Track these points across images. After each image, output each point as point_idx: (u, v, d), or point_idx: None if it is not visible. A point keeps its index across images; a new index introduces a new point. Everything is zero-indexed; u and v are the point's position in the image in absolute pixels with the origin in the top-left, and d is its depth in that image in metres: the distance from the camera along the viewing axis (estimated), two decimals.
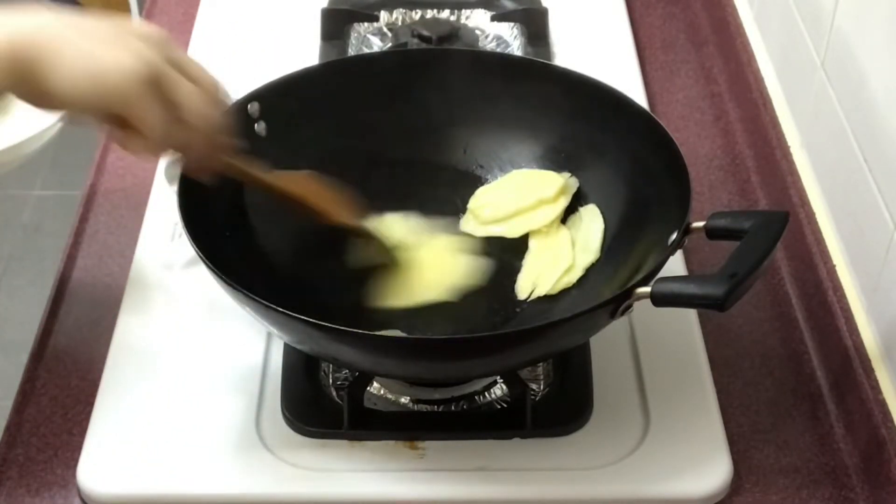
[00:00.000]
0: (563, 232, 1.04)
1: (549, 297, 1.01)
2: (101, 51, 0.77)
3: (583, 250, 1.02)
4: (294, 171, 0.98)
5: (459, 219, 1.08)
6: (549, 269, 1.01)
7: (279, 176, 0.96)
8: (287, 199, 0.97)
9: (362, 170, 1.08)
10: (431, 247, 1.05)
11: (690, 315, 1.04)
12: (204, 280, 0.92)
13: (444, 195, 1.09)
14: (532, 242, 1.05)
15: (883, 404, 0.94)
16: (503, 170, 1.09)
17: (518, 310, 1.01)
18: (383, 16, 1.40)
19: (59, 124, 1.18)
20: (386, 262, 1.02)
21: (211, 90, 0.83)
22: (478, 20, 1.39)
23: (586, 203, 1.05)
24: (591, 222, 1.04)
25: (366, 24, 1.39)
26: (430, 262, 1.03)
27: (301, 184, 0.98)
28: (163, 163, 1.17)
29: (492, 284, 1.03)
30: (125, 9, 2.72)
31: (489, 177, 1.09)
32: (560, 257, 1.02)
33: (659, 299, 0.85)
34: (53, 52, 0.76)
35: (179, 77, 0.81)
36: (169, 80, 0.80)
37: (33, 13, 0.79)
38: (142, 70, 0.78)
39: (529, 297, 1.01)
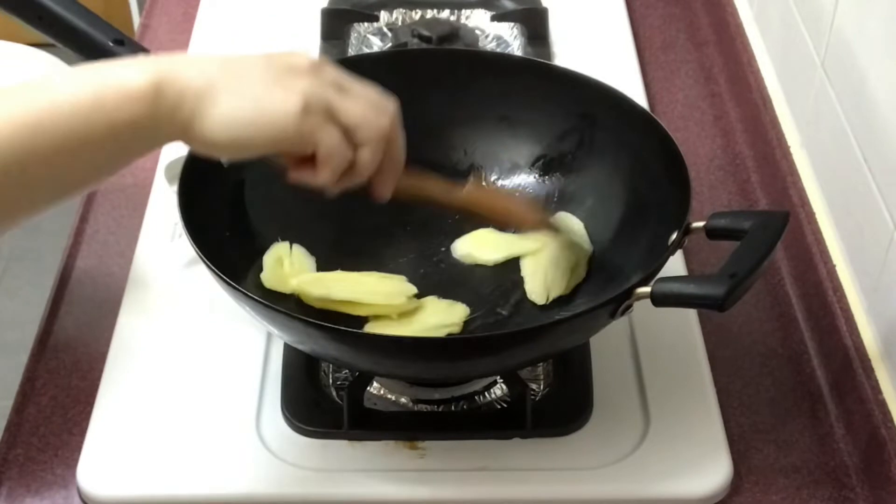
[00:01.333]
0: (549, 239, 1.03)
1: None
2: (261, 93, 0.74)
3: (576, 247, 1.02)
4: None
5: (459, 218, 1.08)
6: (554, 273, 1.01)
7: (459, 191, 0.95)
8: (471, 211, 0.96)
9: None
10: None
11: (690, 315, 1.04)
12: (204, 280, 0.92)
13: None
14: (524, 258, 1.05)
15: (883, 404, 0.94)
16: (503, 169, 1.09)
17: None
18: (383, 16, 1.40)
19: None
20: (576, 255, 1.02)
21: (375, 101, 0.80)
22: (478, 20, 1.39)
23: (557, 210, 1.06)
24: (571, 222, 1.04)
25: (366, 24, 1.39)
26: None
27: (482, 197, 0.98)
28: (163, 163, 1.17)
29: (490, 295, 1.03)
30: (125, 9, 2.72)
31: (489, 176, 1.09)
32: (560, 258, 1.01)
33: (659, 299, 0.85)
34: (208, 98, 0.73)
35: (345, 98, 0.77)
36: (334, 104, 0.76)
37: (180, 56, 0.75)
38: (304, 106, 0.74)
39: (548, 300, 1.00)
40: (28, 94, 0.71)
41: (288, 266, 1.00)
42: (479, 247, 1.05)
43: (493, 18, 1.39)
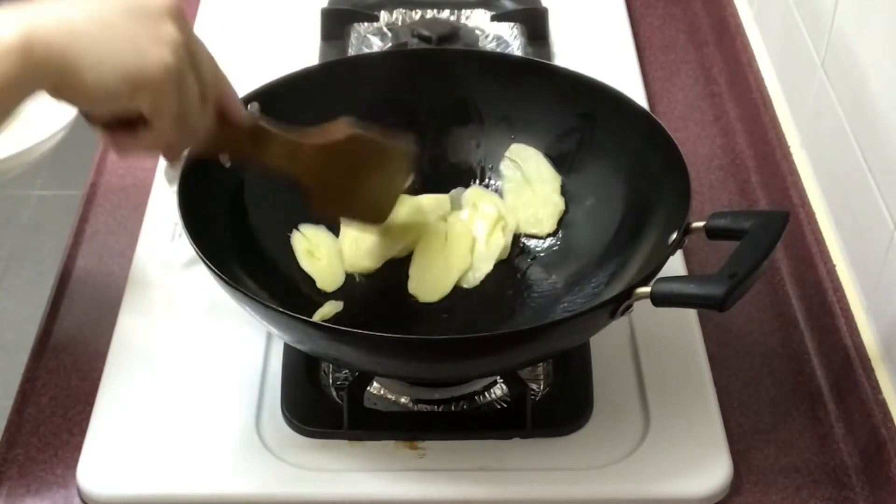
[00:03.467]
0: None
1: (547, 297, 1.01)
2: (130, 45, 0.74)
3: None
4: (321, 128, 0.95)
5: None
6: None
7: (303, 153, 0.93)
8: (324, 150, 0.94)
9: None
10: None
11: (690, 315, 1.04)
12: (204, 280, 0.92)
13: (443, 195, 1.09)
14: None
15: (883, 404, 0.94)
16: (502, 169, 1.09)
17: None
18: (383, 16, 1.40)
19: (64, 132, 1.18)
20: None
21: (210, 84, 0.80)
22: (478, 20, 1.39)
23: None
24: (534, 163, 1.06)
25: (366, 24, 1.39)
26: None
27: (314, 163, 0.94)
28: (163, 163, 1.17)
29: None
30: None
31: (488, 176, 1.09)
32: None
33: (659, 299, 0.85)
34: (81, 49, 0.73)
35: (190, 76, 0.78)
36: (185, 78, 0.77)
37: (42, 5, 0.74)
38: (174, 61, 0.75)
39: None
40: None
41: (318, 251, 1.03)
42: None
43: (493, 18, 1.39)
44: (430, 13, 1.39)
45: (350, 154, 0.96)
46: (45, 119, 1.18)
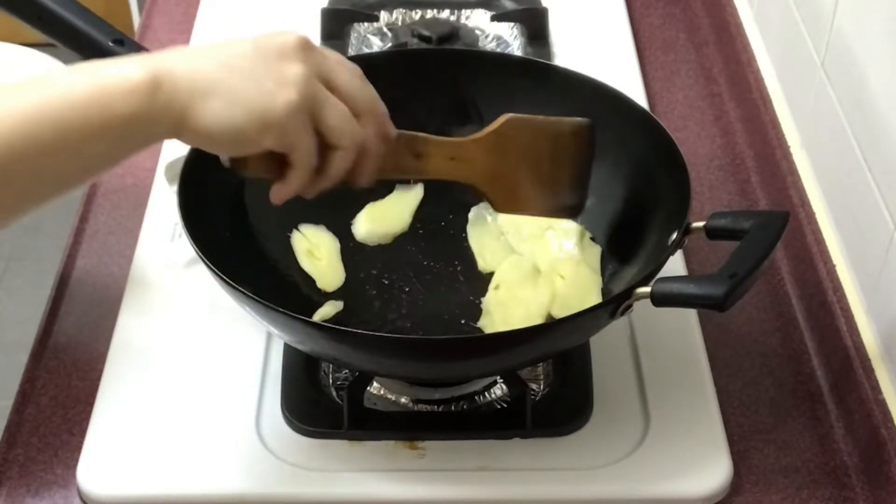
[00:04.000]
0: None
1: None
2: (254, 86, 0.75)
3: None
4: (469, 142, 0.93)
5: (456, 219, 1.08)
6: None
7: (458, 155, 0.91)
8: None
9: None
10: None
11: (690, 315, 1.04)
12: (204, 280, 0.92)
13: (442, 194, 1.09)
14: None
15: (883, 404, 0.94)
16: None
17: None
18: (383, 16, 1.40)
19: None
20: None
21: (359, 96, 0.81)
22: (478, 20, 1.39)
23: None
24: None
25: (366, 24, 1.39)
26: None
27: (479, 163, 0.92)
28: (163, 163, 1.17)
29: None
30: (125, 9, 2.72)
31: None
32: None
33: (659, 299, 0.85)
34: (207, 92, 0.73)
35: (331, 98, 0.78)
36: (322, 103, 0.77)
37: (173, 52, 0.75)
38: (298, 100, 0.75)
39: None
40: (27, 90, 0.72)
41: (318, 251, 1.03)
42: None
43: (493, 18, 1.39)
44: (430, 13, 1.39)
45: (514, 142, 0.93)
46: None
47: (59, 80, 0.73)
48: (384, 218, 1.06)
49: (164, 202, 1.14)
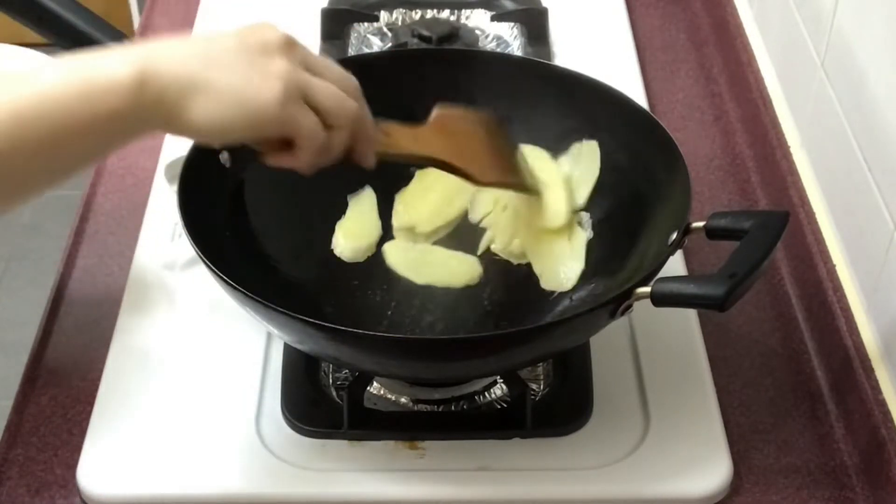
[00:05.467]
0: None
1: (548, 297, 1.01)
2: (240, 81, 0.75)
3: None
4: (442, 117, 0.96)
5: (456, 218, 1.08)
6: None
7: (420, 138, 0.93)
8: (430, 163, 0.95)
9: (361, 169, 1.08)
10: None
11: (690, 315, 1.04)
12: (204, 280, 0.92)
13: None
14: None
15: (883, 404, 0.94)
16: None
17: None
18: (383, 16, 1.40)
19: None
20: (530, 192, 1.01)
21: (343, 82, 0.81)
22: (478, 20, 1.39)
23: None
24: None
25: (366, 24, 1.39)
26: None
27: (442, 145, 0.95)
28: (163, 163, 1.17)
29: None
30: (125, 9, 2.72)
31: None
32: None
33: (659, 299, 0.85)
34: (189, 89, 0.74)
35: (317, 81, 0.79)
36: (309, 88, 0.78)
37: (158, 45, 0.75)
38: (283, 92, 0.76)
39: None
40: (13, 85, 0.72)
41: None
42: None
43: (493, 18, 1.39)
44: (430, 13, 1.39)
45: (456, 124, 0.96)
46: None
47: (45, 77, 0.72)
48: (357, 229, 1.06)
49: (164, 202, 1.14)
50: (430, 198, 1.06)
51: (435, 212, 1.05)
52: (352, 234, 1.05)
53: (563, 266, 1.01)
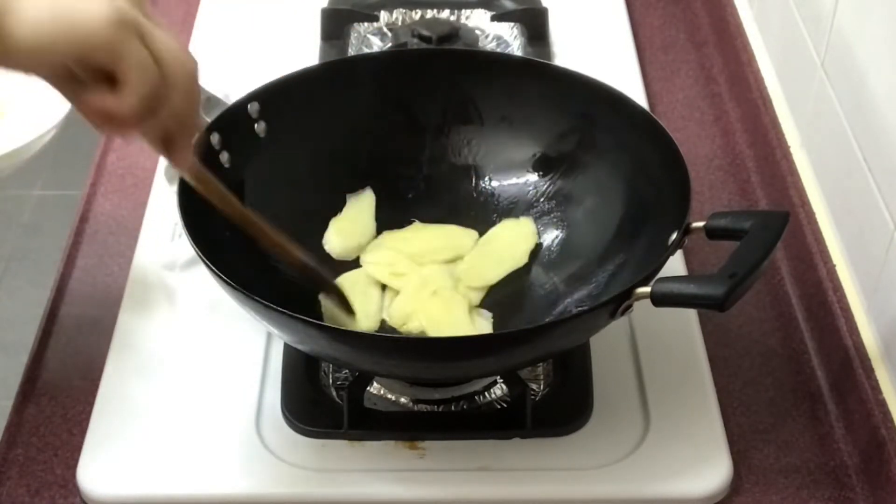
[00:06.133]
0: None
1: (548, 297, 1.01)
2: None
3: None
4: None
5: (455, 219, 1.08)
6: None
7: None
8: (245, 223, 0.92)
9: (362, 170, 1.08)
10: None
11: (690, 315, 1.04)
12: (204, 280, 0.92)
13: (443, 195, 1.09)
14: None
15: (883, 404, 0.94)
16: (500, 170, 1.09)
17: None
18: (383, 16, 1.40)
19: (55, 129, 1.18)
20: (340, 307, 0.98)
21: (183, 46, 0.75)
22: (478, 20, 1.39)
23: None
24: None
25: (366, 24, 1.39)
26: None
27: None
28: (163, 163, 1.17)
29: None
30: None
31: (488, 176, 1.09)
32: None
33: (659, 299, 0.85)
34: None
35: (155, 27, 0.72)
36: (146, 27, 0.71)
37: None
38: (118, 12, 0.69)
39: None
40: None
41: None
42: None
43: (493, 18, 1.39)
44: (430, 13, 1.39)
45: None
46: (36, 117, 1.18)
47: None
48: (350, 228, 1.06)
49: (164, 202, 1.14)
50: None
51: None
52: (344, 233, 1.05)
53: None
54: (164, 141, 0.78)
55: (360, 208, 1.07)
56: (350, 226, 1.06)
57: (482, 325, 1.00)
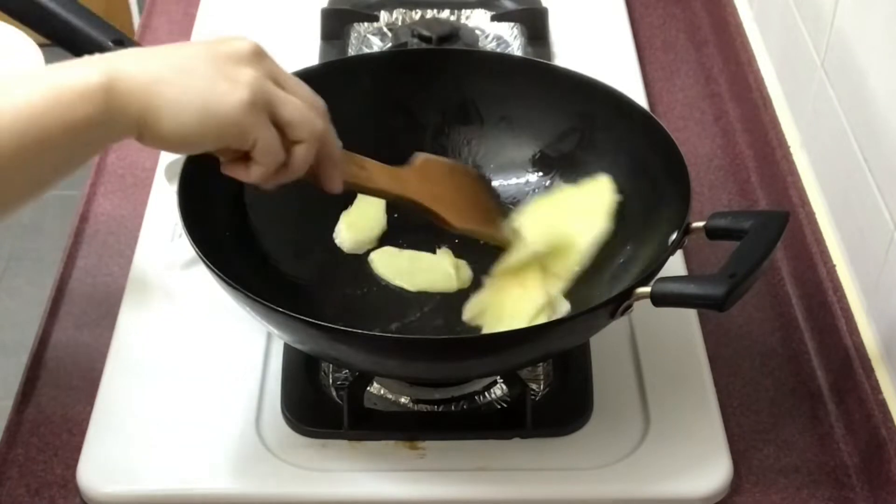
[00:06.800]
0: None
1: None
2: (207, 87, 0.75)
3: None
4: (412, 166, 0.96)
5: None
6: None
7: (398, 177, 0.94)
8: (405, 203, 0.95)
9: None
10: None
11: (690, 315, 1.04)
12: (204, 280, 0.92)
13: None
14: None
15: (883, 404, 0.94)
16: (501, 170, 1.09)
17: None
18: (383, 16, 1.40)
19: None
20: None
21: (311, 100, 0.82)
22: (478, 20, 1.39)
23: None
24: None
25: (366, 24, 1.39)
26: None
27: (419, 187, 0.95)
28: (163, 163, 1.17)
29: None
30: (125, 9, 2.72)
31: (488, 175, 1.09)
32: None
33: (659, 299, 0.85)
34: (157, 94, 0.74)
35: (283, 94, 0.79)
36: (276, 99, 0.78)
37: (127, 54, 0.76)
38: (251, 99, 0.76)
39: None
40: None
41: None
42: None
43: (493, 18, 1.39)
44: (430, 13, 1.39)
45: (436, 172, 0.98)
46: None
47: (17, 89, 0.72)
48: (362, 222, 1.06)
49: (164, 202, 1.14)
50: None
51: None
52: (355, 227, 1.05)
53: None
54: (309, 175, 0.84)
55: (370, 201, 1.07)
56: (361, 220, 1.06)
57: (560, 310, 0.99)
